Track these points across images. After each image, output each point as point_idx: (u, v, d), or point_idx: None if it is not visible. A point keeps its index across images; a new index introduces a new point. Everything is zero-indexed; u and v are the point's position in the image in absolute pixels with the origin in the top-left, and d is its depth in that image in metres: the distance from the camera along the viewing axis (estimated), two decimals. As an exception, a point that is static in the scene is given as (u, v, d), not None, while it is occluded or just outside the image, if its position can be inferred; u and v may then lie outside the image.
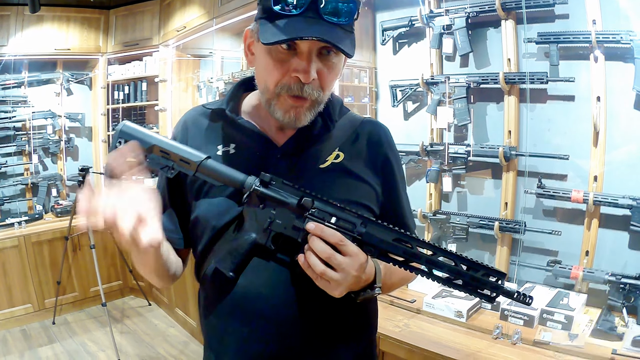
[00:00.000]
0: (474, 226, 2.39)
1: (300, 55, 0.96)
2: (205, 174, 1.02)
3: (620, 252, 2.02)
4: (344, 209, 0.98)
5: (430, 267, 0.95)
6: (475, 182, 2.51)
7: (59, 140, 4.84)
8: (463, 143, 2.45)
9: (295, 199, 0.99)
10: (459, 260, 0.93)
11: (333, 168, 1.12)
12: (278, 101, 1.01)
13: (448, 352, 1.86)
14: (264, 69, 1.01)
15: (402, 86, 2.69)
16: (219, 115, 1.17)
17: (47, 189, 4.75)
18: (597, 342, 1.80)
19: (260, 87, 1.06)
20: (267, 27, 0.95)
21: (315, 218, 0.97)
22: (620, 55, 2.00)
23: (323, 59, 0.98)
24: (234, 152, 1.12)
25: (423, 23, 2.55)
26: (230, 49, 4.30)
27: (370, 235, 0.96)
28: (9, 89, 4.54)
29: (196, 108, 1.23)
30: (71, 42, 4.66)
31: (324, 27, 0.93)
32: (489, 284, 0.92)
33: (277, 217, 1.00)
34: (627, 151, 2.01)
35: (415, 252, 0.95)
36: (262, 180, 1.00)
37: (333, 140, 1.15)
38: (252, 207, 1.01)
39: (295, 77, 0.97)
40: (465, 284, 0.93)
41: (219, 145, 1.13)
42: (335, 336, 1.10)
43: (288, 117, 1.02)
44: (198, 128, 1.17)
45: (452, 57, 2.54)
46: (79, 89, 5.01)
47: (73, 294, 4.53)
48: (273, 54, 0.97)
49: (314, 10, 0.93)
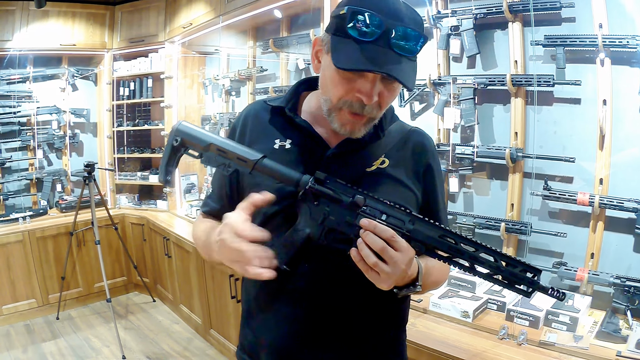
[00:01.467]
0: (480, 227, 2.40)
1: (366, 78, 1.02)
2: (262, 171, 1.07)
3: (625, 255, 2.03)
4: (394, 207, 1.02)
5: (472, 263, 0.98)
6: (482, 183, 2.52)
7: (64, 135, 4.86)
8: (469, 144, 2.47)
9: (348, 196, 1.03)
10: (499, 257, 0.97)
11: (378, 172, 1.19)
12: (338, 114, 1.08)
13: (454, 351, 1.87)
14: (330, 82, 1.06)
15: (409, 86, 2.69)
16: (279, 112, 1.24)
17: (52, 184, 4.78)
18: (602, 344, 1.82)
19: (323, 95, 1.12)
20: (340, 48, 1.00)
21: (367, 215, 1.01)
22: (626, 59, 2.01)
23: (385, 83, 1.04)
24: (290, 147, 1.20)
25: (430, 24, 2.56)
26: (236, 46, 4.31)
27: (418, 231, 1.00)
28: (14, 84, 4.56)
29: (258, 102, 1.33)
30: (76, 37, 4.67)
31: (392, 58, 0.98)
32: (525, 279, 0.95)
33: (330, 214, 1.04)
34: (632, 154, 2.02)
35: (459, 248, 0.98)
36: (317, 179, 1.05)
37: (381, 147, 1.22)
38: (306, 203, 1.06)
39: (359, 97, 1.03)
40: (504, 279, 0.97)
41: (276, 139, 1.22)
42: (370, 325, 1.21)
43: (344, 129, 1.09)
44: (258, 121, 1.26)
45: (459, 58, 2.55)
46: (84, 85, 5.03)
47: (77, 290, 4.55)
48: (341, 72, 1.02)
49: (385, 40, 0.98)
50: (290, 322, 1.17)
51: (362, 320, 1.19)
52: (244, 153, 1.08)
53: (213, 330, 3.74)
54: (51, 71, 4.76)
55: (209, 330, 3.78)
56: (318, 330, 1.17)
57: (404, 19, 0.99)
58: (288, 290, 1.16)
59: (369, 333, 1.22)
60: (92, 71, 5.00)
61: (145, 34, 4.72)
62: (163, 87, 4.73)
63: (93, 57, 5.00)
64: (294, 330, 1.17)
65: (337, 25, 1.01)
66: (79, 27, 4.67)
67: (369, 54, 0.97)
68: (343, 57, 0.99)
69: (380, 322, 1.23)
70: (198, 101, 4.89)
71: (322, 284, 1.14)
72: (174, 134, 1.13)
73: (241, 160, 1.08)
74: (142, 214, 4.74)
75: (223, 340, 3.58)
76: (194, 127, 1.14)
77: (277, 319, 1.19)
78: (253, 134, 1.24)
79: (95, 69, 5.02)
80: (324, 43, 1.08)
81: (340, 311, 1.16)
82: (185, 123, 1.15)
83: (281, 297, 1.17)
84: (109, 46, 4.86)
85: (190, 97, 4.82)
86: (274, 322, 1.19)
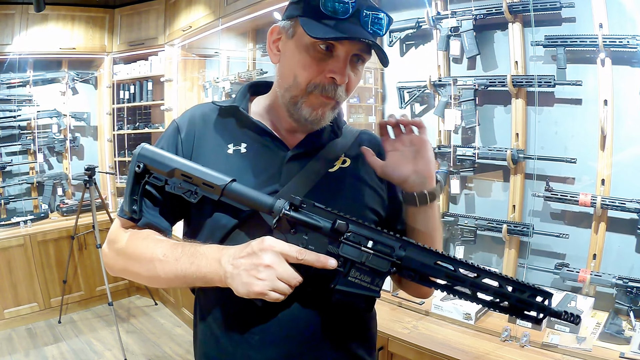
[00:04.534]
0: (482, 228, 2.39)
1: (337, 57, 1.00)
2: (231, 197, 1.00)
3: (627, 256, 2.03)
4: (381, 232, 0.95)
5: (474, 291, 0.92)
6: (483, 185, 2.52)
7: (64, 139, 4.85)
8: (470, 145, 2.46)
9: (328, 222, 0.95)
10: (504, 282, 0.90)
11: (342, 172, 1.15)
12: (308, 98, 1.03)
13: (456, 354, 1.87)
14: (298, 66, 1.02)
15: (410, 88, 2.70)
16: (229, 113, 1.16)
17: (53, 188, 4.78)
18: (605, 346, 1.82)
19: (285, 83, 1.06)
20: (314, 24, 0.97)
21: (350, 242, 0.94)
22: (627, 59, 2.00)
23: (352, 65, 1.02)
24: (245, 151, 1.11)
25: (430, 25, 2.55)
26: (236, 48, 4.31)
27: (410, 259, 0.93)
28: (14, 88, 4.56)
29: (204, 104, 1.23)
30: (76, 41, 4.67)
31: (366, 34, 0.98)
32: (535, 305, 0.89)
33: (309, 243, 0.95)
34: (634, 154, 2.02)
35: (457, 275, 0.91)
36: (292, 204, 0.96)
37: (340, 147, 1.18)
38: (282, 232, 0.96)
39: (331, 77, 1.00)
40: (512, 306, 0.90)
41: (229, 144, 1.12)
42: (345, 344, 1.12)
43: (315, 114, 1.04)
44: (207, 125, 1.15)
45: (460, 59, 2.54)
46: (84, 88, 5.03)
47: (79, 293, 4.55)
48: (311, 52, 1.00)
49: (357, 17, 0.98)
50: (261, 348, 1.05)
51: (339, 344, 1.10)
52: (211, 178, 1.01)
53: (215, 333, 3.71)
54: (51, 75, 4.76)
55: (211, 333, 3.76)
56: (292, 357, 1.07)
57: (368, 1, 1.01)
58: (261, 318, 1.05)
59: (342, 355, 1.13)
60: (92, 74, 5.00)
61: (145, 37, 4.72)
62: (163, 90, 4.73)
63: (93, 61, 5.00)
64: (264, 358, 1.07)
65: (306, 6, 0.99)
66: (78, 30, 4.67)
67: (345, 28, 0.96)
68: (320, 30, 0.96)
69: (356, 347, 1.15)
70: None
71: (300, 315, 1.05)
72: (135, 159, 1.05)
73: (207, 186, 1.01)
74: (143, 217, 4.71)
75: (225, 343, 3.56)
76: (157, 150, 1.06)
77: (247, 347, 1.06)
78: (202, 138, 1.13)
79: (95, 72, 5.02)
80: (285, 29, 1.05)
81: (316, 337, 1.07)
82: (147, 146, 1.07)
83: (253, 324, 1.06)
84: (108, 49, 4.86)
85: (191, 100, 4.80)
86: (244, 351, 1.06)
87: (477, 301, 0.93)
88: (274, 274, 0.90)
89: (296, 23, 1.02)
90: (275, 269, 0.90)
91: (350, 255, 0.93)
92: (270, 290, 0.90)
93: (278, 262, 0.91)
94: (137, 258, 1.06)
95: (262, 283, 0.89)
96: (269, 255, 0.91)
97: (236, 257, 0.93)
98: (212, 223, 1.07)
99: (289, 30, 1.04)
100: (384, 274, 0.94)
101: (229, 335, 1.08)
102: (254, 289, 0.90)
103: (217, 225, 1.06)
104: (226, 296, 0.96)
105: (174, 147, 1.12)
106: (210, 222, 1.07)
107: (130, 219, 1.08)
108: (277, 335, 1.04)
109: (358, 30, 0.97)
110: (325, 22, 0.97)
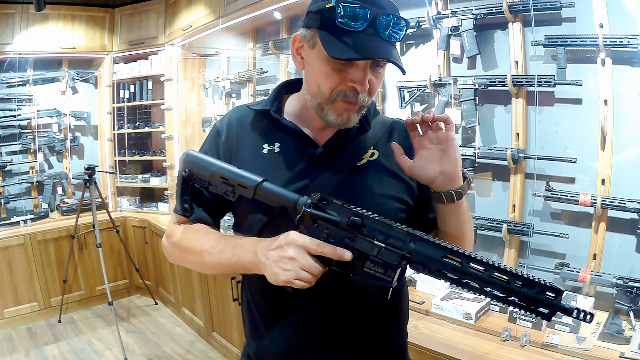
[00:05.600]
0: (482, 228, 2.39)
1: (357, 66, 1.04)
2: (262, 196, 1.10)
3: (627, 256, 2.03)
4: (393, 227, 1.00)
5: (483, 285, 0.93)
6: (483, 184, 2.52)
7: (65, 138, 4.86)
8: (471, 145, 2.46)
9: (345, 218, 1.02)
10: (513, 277, 0.91)
11: (369, 165, 1.21)
12: (332, 106, 1.10)
13: (457, 353, 1.87)
14: (320, 76, 1.08)
15: (410, 87, 2.69)
16: (263, 116, 1.25)
17: (53, 187, 4.79)
18: (605, 346, 1.82)
19: (311, 90, 1.12)
20: (332, 40, 1.01)
21: (364, 236, 1.01)
22: (627, 59, 2.00)
23: (373, 70, 1.07)
24: (279, 150, 1.21)
25: (430, 24, 2.55)
26: (236, 48, 4.30)
27: (419, 252, 0.97)
28: (14, 87, 4.58)
29: (240, 107, 1.32)
30: (76, 40, 4.68)
31: (383, 45, 1.02)
32: (545, 301, 0.89)
33: (329, 236, 1.03)
34: (634, 154, 2.01)
35: (465, 269, 0.94)
36: (312, 201, 1.05)
37: (369, 140, 1.24)
38: (306, 227, 1.05)
39: (352, 86, 1.06)
40: (521, 301, 0.91)
41: (264, 144, 1.22)
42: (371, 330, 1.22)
43: (341, 119, 1.11)
44: (243, 127, 1.26)
45: (460, 58, 2.54)
46: (84, 88, 5.04)
47: (79, 293, 4.56)
48: (331, 64, 1.05)
49: (373, 28, 1.01)
50: (294, 328, 1.18)
51: (363, 325, 1.20)
52: (244, 179, 1.11)
53: (215, 332, 3.73)
54: (51, 74, 4.77)
55: (212, 332, 3.78)
56: (321, 336, 1.18)
57: (385, 7, 1.02)
58: (293, 303, 1.17)
59: (370, 337, 1.22)
60: (92, 74, 5.01)
61: (145, 36, 4.72)
62: (163, 89, 4.73)
63: (93, 60, 5.00)
64: (297, 337, 1.19)
65: (323, 19, 1.03)
66: (78, 30, 4.68)
67: (361, 43, 1.00)
68: (337, 48, 1.00)
69: (380, 327, 1.24)
70: (198, 103, 4.88)
71: (326, 300, 1.15)
72: (182, 166, 1.19)
73: (242, 187, 1.11)
74: (144, 217, 4.75)
75: (225, 343, 3.58)
76: (199, 155, 1.19)
77: (282, 326, 1.20)
78: (240, 139, 1.24)
79: (96, 71, 5.02)
80: (307, 39, 1.10)
81: (343, 318, 1.17)
82: (191, 152, 1.20)
83: (286, 307, 1.19)
84: (109, 49, 4.86)
85: (191, 99, 4.81)
86: (280, 330, 1.20)
87: (486, 295, 0.95)
88: (298, 265, 0.99)
89: (315, 34, 1.06)
90: (298, 261, 0.99)
91: (363, 248, 1.01)
92: (295, 279, 0.98)
93: (301, 255, 0.99)
94: (188, 249, 1.22)
95: (287, 273, 0.99)
96: (292, 248, 1.00)
97: (267, 249, 1.03)
98: (250, 218, 1.19)
99: (310, 41, 1.09)
100: (395, 266, 0.99)
101: (266, 316, 1.23)
102: (281, 277, 0.99)
103: (254, 220, 1.18)
104: (264, 282, 1.04)
105: (216, 150, 1.25)
106: (249, 217, 1.20)
107: (182, 215, 1.24)
108: (307, 317, 1.17)
109: (376, 42, 1.01)
110: (343, 38, 1.00)
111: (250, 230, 1.18)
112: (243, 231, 1.22)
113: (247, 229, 1.20)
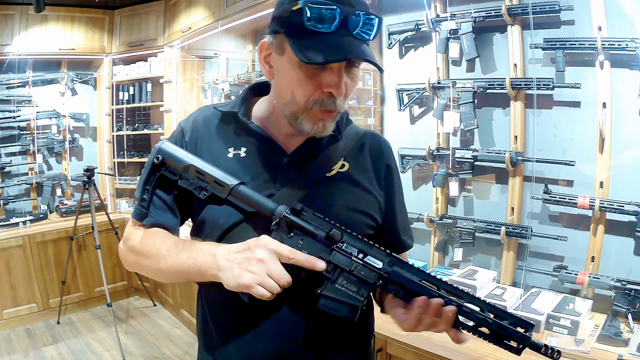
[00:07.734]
0: (481, 231, 2.40)
1: (331, 70, 0.98)
2: (237, 198, 1.05)
3: (625, 258, 2.03)
4: (373, 246, 0.99)
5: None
6: (482, 187, 2.52)
7: (64, 140, 4.85)
8: (469, 148, 2.47)
9: (324, 231, 0.99)
10: (486, 307, 0.92)
11: (339, 177, 1.16)
12: (308, 114, 1.03)
13: (455, 356, 1.87)
14: (293, 83, 1.01)
15: (409, 90, 2.70)
16: (230, 118, 1.18)
17: (52, 188, 4.78)
18: (603, 348, 1.82)
19: (284, 99, 1.05)
20: (302, 44, 0.95)
21: (342, 251, 0.98)
22: (626, 62, 2.00)
23: (347, 71, 1.01)
24: (245, 156, 1.15)
25: (429, 27, 2.56)
26: (236, 50, 4.31)
27: (397, 274, 0.96)
28: (13, 89, 4.56)
29: (207, 108, 1.25)
30: (76, 42, 4.67)
31: (356, 45, 0.96)
32: (515, 334, 0.90)
33: (304, 247, 0.99)
34: (633, 157, 2.02)
35: (440, 294, 0.94)
36: (293, 209, 1.01)
37: (339, 150, 1.18)
38: (279, 234, 1.01)
39: (328, 92, 0.99)
40: (492, 332, 0.92)
41: (230, 148, 1.16)
42: (334, 344, 1.16)
43: (316, 128, 1.05)
44: (209, 128, 1.19)
45: (459, 61, 2.55)
46: (83, 89, 5.03)
47: (78, 294, 4.56)
48: (304, 69, 0.98)
49: (345, 28, 0.95)
50: (252, 344, 1.10)
51: (324, 344, 1.14)
52: (222, 177, 1.06)
53: (214, 334, 3.71)
54: (50, 75, 4.76)
55: (210, 334, 3.76)
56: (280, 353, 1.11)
57: (354, 5, 0.96)
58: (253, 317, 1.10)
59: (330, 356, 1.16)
60: (92, 75, 5.00)
61: (145, 38, 4.73)
62: (162, 91, 4.74)
63: (92, 62, 5.00)
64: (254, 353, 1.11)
65: (290, 23, 0.97)
66: (78, 31, 4.67)
67: (333, 45, 0.94)
68: (308, 53, 0.93)
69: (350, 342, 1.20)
70: (197, 105, 4.87)
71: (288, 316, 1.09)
72: (155, 152, 1.11)
73: (218, 185, 1.07)
74: (142, 218, 4.71)
75: (224, 345, 3.56)
76: (176, 147, 1.12)
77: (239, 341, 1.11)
78: (204, 141, 1.17)
79: (95, 73, 5.02)
80: (274, 46, 1.03)
81: (303, 336, 1.10)
82: (168, 142, 1.14)
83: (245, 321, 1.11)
84: (108, 50, 4.86)
85: (190, 101, 4.81)
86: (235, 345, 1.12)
87: (457, 323, 0.93)
88: (265, 269, 0.92)
89: (283, 39, 1.00)
90: (266, 264, 0.93)
91: (340, 262, 0.98)
92: (257, 284, 0.92)
93: (270, 258, 0.93)
94: (145, 254, 1.11)
95: (251, 276, 0.92)
96: (262, 250, 0.94)
97: (231, 252, 0.97)
98: (211, 223, 1.11)
99: (278, 48, 1.03)
100: (370, 285, 0.97)
101: (223, 330, 1.14)
102: (243, 280, 0.92)
103: (215, 225, 1.10)
104: (224, 292, 0.98)
105: None
106: (210, 221, 1.11)
107: (139, 214, 1.14)
108: (267, 332, 1.09)
109: (349, 42, 0.95)
110: (314, 41, 0.94)
111: (209, 237, 1.10)
112: (200, 237, 1.13)
113: (205, 235, 1.12)
